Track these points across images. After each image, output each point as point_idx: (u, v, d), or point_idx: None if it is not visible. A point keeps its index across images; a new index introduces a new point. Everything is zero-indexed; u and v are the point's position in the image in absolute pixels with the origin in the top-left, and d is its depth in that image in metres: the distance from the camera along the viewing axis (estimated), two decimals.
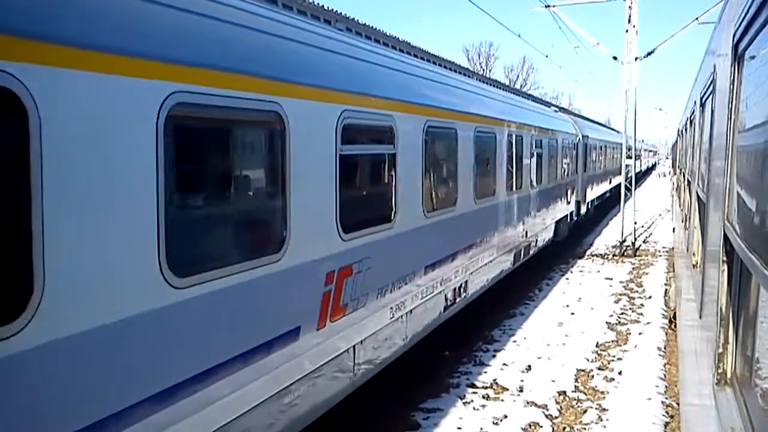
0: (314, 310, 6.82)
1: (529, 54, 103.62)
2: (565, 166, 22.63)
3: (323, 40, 7.44)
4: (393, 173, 8.72)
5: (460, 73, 21.49)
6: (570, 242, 25.75)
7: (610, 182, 39.21)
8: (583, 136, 27.29)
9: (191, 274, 4.98)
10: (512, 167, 14.97)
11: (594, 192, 31.42)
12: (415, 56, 17.16)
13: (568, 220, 23.83)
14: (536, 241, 18.33)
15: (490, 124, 13.27)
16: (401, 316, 9.11)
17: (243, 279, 5.56)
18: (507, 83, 56.53)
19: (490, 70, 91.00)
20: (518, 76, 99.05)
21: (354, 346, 7.76)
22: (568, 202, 23.59)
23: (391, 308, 8.71)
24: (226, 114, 5.52)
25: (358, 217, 7.85)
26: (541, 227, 18.61)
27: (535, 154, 17.53)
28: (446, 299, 11.01)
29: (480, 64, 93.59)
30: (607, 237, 28.59)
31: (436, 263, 10.34)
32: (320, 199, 6.88)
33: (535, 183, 17.46)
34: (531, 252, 17.70)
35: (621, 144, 42.91)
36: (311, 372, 6.75)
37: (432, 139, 9.98)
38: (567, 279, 20.06)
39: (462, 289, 11.78)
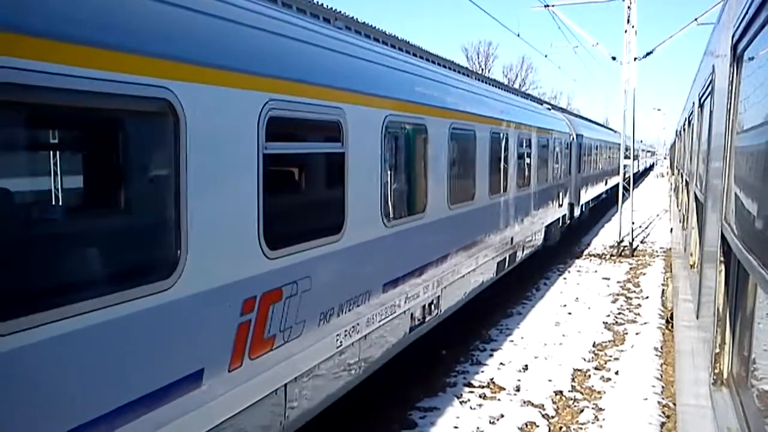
0: (224, 347, 5.50)
1: (528, 54, 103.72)
2: (556, 166, 21.52)
3: (231, 9, 5.90)
4: (342, 176, 7.44)
5: (434, 62, 19.15)
6: (568, 242, 25.77)
7: (606, 183, 38.31)
8: (577, 135, 26.52)
9: None
10: (496, 168, 13.83)
11: (589, 194, 30.53)
12: (415, 55, 17.09)
13: (560, 223, 22.72)
14: (524, 247, 17.05)
15: (470, 121, 12.08)
16: (352, 343, 7.78)
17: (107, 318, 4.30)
18: (506, 83, 56.56)
19: (489, 70, 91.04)
20: (517, 76, 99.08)
21: (285, 386, 6.41)
22: (560, 205, 22.44)
23: (338, 335, 7.39)
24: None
25: (292, 230, 6.68)
26: (529, 232, 17.46)
27: (523, 153, 16.42)
28: (413, 319, 9.69)
29: (479, 63, 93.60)
30: (604, 237, 28.61)
31: (399, 279, 9.03)
32: (233, 208, 5.60)
33: (522, 185, 16.31)
34: (518, 259, 16.54)
35: (618, 144, 42.96)
36: (222, 423, 5.44)
37: (394, 136, 8.84)
38: (564, 279, 20.07)
39: (433, 306, 10.48)
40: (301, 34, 6.98)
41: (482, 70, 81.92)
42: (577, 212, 26.35)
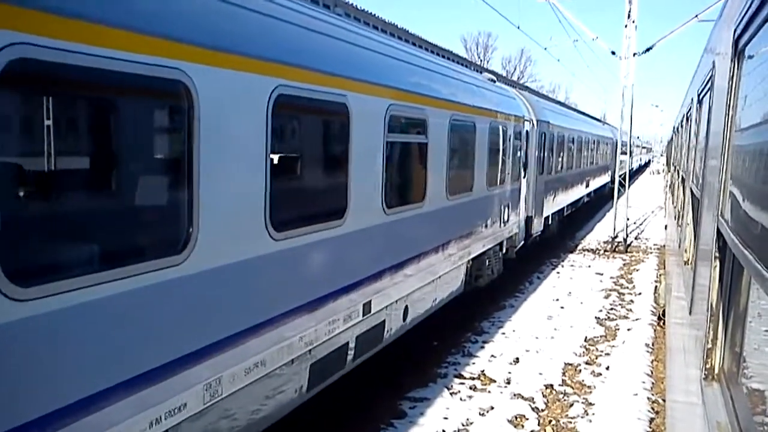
0: None
1: (528, 46, 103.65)
2: (498, 165, 14.47)
3: None
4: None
5: None
6: (562, 237, 25.82)
7: (588, 185, 31.63)
8: (539, 122, 19.01)
9: None
10: (325, 175, 8.07)
11: (558, 201, 23.36)
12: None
13: (504, 249, 15.77)
14: (389, 326, 9.34)
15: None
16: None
17: None
18: (504, 74, 56.16)
19: (488, 61, 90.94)
20: (516, 68, 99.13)
21: None
22: (504, 222, 15.30)
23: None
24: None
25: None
26: (411, 289, 9.96)
27: (407, 149, 9.87)
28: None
29: (478, 54, 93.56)
30: (599, 232, 28.67)
31: None
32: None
33: (406, 202, 9.60)
34: (384, 340, 9.32)
35: (609, 138, 42.08)
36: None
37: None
38: (558, 273, 20.11)
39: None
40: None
41: (481, 61, 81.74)
42: (538, 227, 19.46)
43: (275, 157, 6.35)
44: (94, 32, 4.22)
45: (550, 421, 9.36)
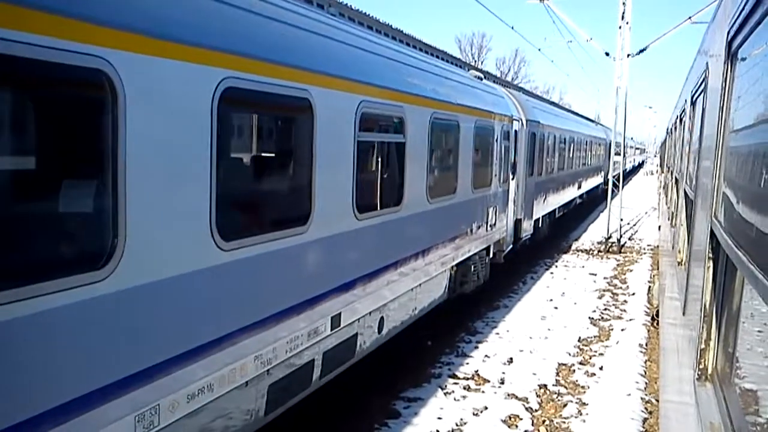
0: None
1: (522, 47, 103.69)
2: (485, 167, 13.99)
3: None
4: None
5: None
6: (555, 237, 25.86)
7: (580, 187, 31.72)
8: (529, 122, 18.53)
9: None
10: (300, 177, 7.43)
11: (549, 203, 23.12)
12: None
13: (491, 253, 15.34)
14: (362, 340, 8.80)
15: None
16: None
17: None
18: (498, 75, 56.18)
19: (482, 62, 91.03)
20: (510, 69, 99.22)
21: None
22: (491, 226, 14.72)
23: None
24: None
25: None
26: (387, 299, 9.43)
27: (384, 150, 9.48)
28: None
29: (472, 54, 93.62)
30: (592, 233, 28.72)
31: None
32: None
33: (372, 210, 8.83)
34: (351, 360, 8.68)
35: (600, 138, 41.79)
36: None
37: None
38: (551, 273, 20.14)
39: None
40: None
41: (475, 62, 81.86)
42: (527, 230, 19.03)
43: (223, 158, 5.71)
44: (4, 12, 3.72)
45: (544, 421, 9.37)
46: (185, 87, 5.19)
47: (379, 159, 9.24)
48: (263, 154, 7.26)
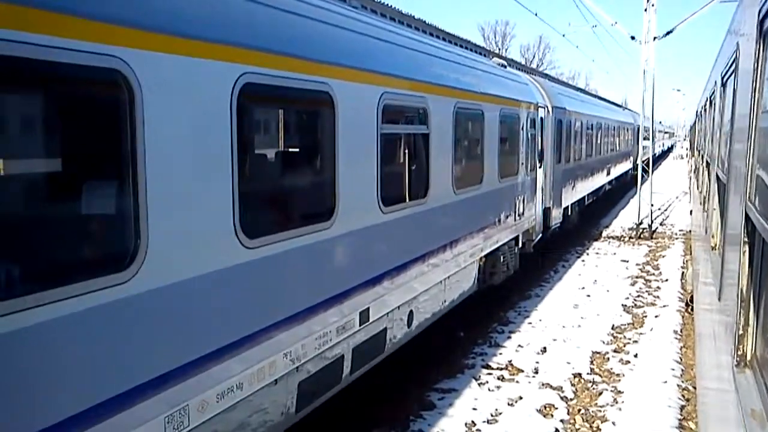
0: None
1: (546, 33, 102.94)
2: (511, 155, 13.90)
3: None
4: None
5: None
6: (585, 225, 25.65)
7: (609, 173, 31.35)
8: (555, 108, 18.32)
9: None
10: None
11: (578, 191, 22.71)
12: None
13: (520, 243, 15.11)
14: (392, 334, 8.70)
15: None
16: None
17: None
18: (523, 62, 55.67)
19: (506, 50, 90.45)
20: (534, 56, 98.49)
21: None
22: (520, 215, 14.50)
23: None
24: None
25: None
26: (416, 292, 9.32)
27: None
28: None
29: (496, 42, 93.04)
30: (623, 219, 28.44)
31: None
32: None
33: (398, 203, 8.73)
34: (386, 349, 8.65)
35: (628, 123, 41.23)
36: None
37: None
38: (583, 261, 19.99)
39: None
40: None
41: (499, 49, 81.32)
42: (557, 218, 18.74)
43: (245, 155, 5.70)
44: (15, 14, 3.70)
45: (580, 410, 9.32)
46: (203, 84, 5.15)
47: (403, 151, 9.18)
48: (285, 150, 7.25)
